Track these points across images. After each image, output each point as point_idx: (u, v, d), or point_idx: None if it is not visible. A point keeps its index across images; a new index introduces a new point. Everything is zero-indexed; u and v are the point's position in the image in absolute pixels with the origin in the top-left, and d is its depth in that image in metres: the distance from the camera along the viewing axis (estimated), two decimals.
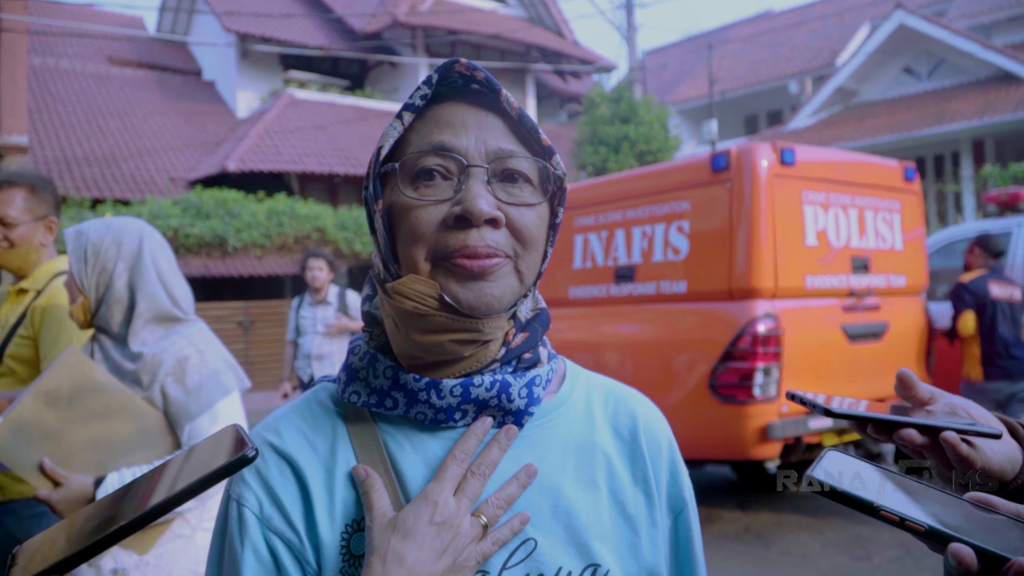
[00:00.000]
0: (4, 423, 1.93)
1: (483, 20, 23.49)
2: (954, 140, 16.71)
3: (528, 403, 0.92)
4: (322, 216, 15.21)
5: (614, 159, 17.85)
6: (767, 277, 5.42)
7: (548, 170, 0.93)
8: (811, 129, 18.81)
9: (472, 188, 0.87)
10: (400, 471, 0.90)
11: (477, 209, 0.85)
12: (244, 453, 0.71)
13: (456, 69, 0.92)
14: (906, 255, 6.38)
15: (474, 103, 0.92)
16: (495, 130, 0.91)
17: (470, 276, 0.87)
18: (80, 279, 2.12)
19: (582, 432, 0.97)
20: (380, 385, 0.92)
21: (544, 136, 0.94)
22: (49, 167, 16.87)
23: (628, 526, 0.95)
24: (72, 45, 22.79)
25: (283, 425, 0.94)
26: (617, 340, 6.28)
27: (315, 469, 0.90)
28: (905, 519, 0.71)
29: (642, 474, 0.98)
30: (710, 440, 5.49)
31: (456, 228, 0.87)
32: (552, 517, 0.90)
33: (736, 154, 5.58)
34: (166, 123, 20.45)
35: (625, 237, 6.27)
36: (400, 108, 0.92)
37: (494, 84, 0.91)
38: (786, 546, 5.42)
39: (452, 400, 0.89)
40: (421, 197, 0.88)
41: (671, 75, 29.76)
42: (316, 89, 22.16)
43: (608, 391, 1.04)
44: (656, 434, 1.02)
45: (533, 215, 0.91)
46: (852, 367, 5.84)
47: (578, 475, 0.94)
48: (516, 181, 0.91)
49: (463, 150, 0.89)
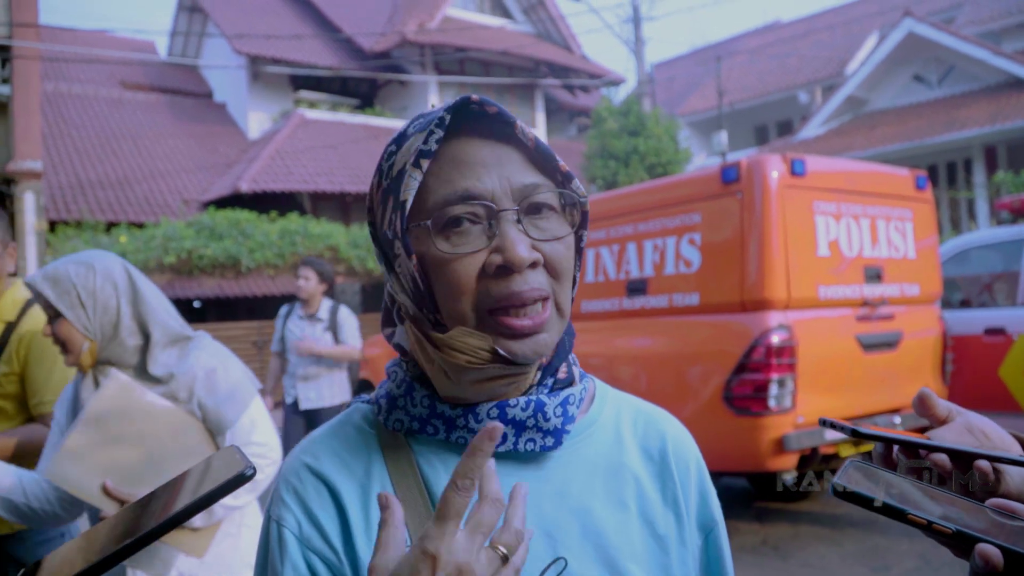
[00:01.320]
0: (61, 454, 1.99)
1: (491, 37, 23.61)
2: (966, 147, 16.65)
3: (564, 421, 0.93)
4: (335, 235, 15.28)
5: (624, 172, 17.86)
6: (780, 288, 5.40)
7: (571, 197, 0.94)
8: (821, 139, 18.78)
9: (508, 235, 0.87)
10: (434, 494, 0.91)
11: (519, 258, 0.86)
12: (242, 471, 0.73)
13: (469, 106, 0.91)
14: (919, 264, 6.35)
15: (488, 137, 0.91)
16: (515, 164, 0.91)
17: (521, 336, 0.88)
18: (83, 325, 2.11)
19: (611, 453, 0.99)
20: (419, 413, 0.94)
21: (562, 162, 0.94)
22: (63, 191, 17.02)
23: (658, 546, 0.95)
24: (84, 70, 23.04)
25: (320, 448, 0.95)
26: (630, 353, 6.27)
27: (351, 491, 0.91)
28: (933, 523, 0.73)
29: (672, 495, 0.99)
30: (726, 452, 5.47)
31: (498, 276, 0.87)
32: (582, 538, 0.91)
33: (747, 166, 5.58)
34: (178, 145, 20.62)
35: (637, 250, 6.28)
36: (409, 151, 0.90)
37: (507, 116, 0.91)
38: (804, 558, 5.39)
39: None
40: (455, 249, 0.88)
41: (680, 87, 29.79)
42: (326, 109, 22.30)
43: (637, 412, 1.06)
44: (685, 455, 1.03)
45: (563, 247, 0.92)
46: (867, 377, 5.81)
47: (608, 496, 0.95)
48: (542, 212, 0.91)
49: (489, 194, 0.88)
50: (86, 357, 2.13)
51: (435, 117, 0.90)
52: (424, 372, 0.97)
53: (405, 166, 0.90)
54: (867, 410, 5.77)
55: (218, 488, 0.72)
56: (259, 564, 0.93)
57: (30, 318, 2.71)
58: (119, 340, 2.15)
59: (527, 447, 0.92)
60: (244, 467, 0.73)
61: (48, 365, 2.68)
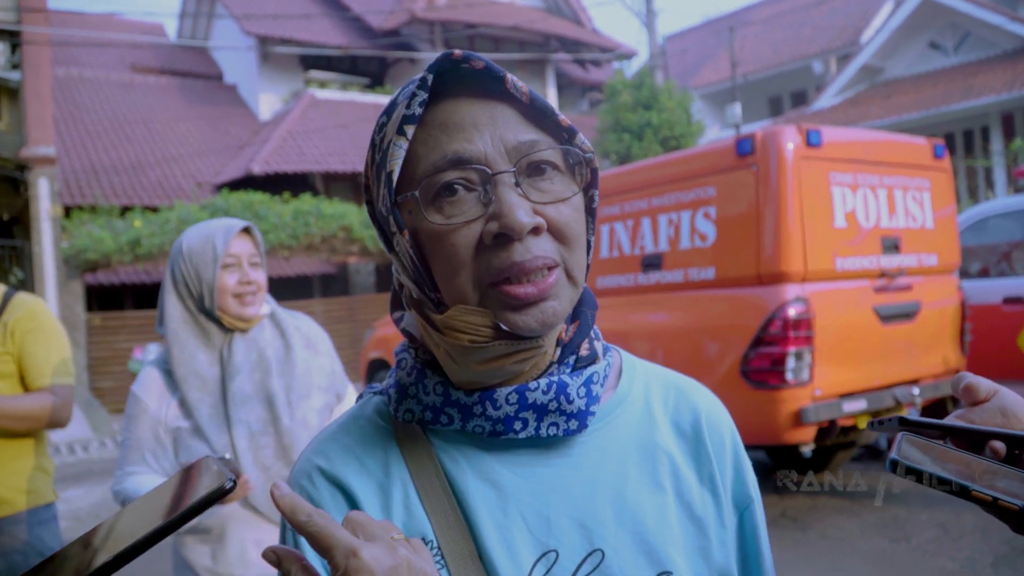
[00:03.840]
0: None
1: (501, 12, 23.47)
2: (983, 114, 16.46)
3: (588, 403, 0.87)
4: (348, 215, 15.27)
5: (638, 146, 17.76)
6: (796, 261, 5.37)
7: (576, 154, 0.86)
8: (837, 108, 18.61)
9: (505, 198, 0.79)
10: (459, 490, 0.85)
11: (518, 223, 0.78)
12: (221, 485, 0.69)
13: (452, 61, 0.83)
14: (937, 233, 6.30)
15: (478, 95, 0.84)
16: (509, 122, 0.83)
17: (524, 306, 0.81)
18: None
19: (643, 432, 0.93)
20: (432, 402, 0.88)
21: (562, 116, 0.85)
22: (77, 177, 17.09)
23: (697, 529, 0.90)
24: (94, 55, 23.07)
25: (332, 447, 0.90)
26: (647, 329, 6.25)
27: (369, 492, 0.86)
28: (998, 499, 0.71)
29: (708, 473, 0.94)
30: (743, 426, 5.38)
31: (497, 246, 0.80)
32: (618, 526, 0.86)
33: (761, 138, 5.53)
34: (190, 128, 20.65)
35: (651, 225, 6.25)
36: (396, 120, 0.83)
37: (496, 70, 0.83)
38: (823, 529, 5.39)
39: (509, 409, 0.84)
40: (449, 220, 0.81)
41: (692, 59, 29.53)
42: (336, 88, 22.25)
43: (667, 384, 0.99)
44: (720, 428, 0.97)
45: (570, 209, 0.84)
46: (885, 348, 5.78)
47: (641, 479, 0.89)
48: (545, 173, 0.83)
49: (482, 156, 0.80)
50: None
51: (418, 79, 0.83)
52: (435, 357, 0.90)
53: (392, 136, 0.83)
54: (885, 381, 5.74)
55: (199, 503, 0.69)
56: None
57: (14, 306, 2.77)
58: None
59: (549, 432, 0.85)
60: (224, 480, 0.70)
61: (48, 344, 2.75)
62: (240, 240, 2.21)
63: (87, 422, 11.38)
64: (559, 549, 0.84)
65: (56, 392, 2.72)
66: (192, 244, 2.17)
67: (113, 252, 13.23)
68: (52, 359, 2.75)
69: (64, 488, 7.94)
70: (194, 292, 2.17)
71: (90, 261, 13.38)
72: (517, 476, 0.86)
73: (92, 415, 11.86)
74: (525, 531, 0.84)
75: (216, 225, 2.20)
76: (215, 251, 2.15)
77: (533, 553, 0.83)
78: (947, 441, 0.81)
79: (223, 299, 2.16)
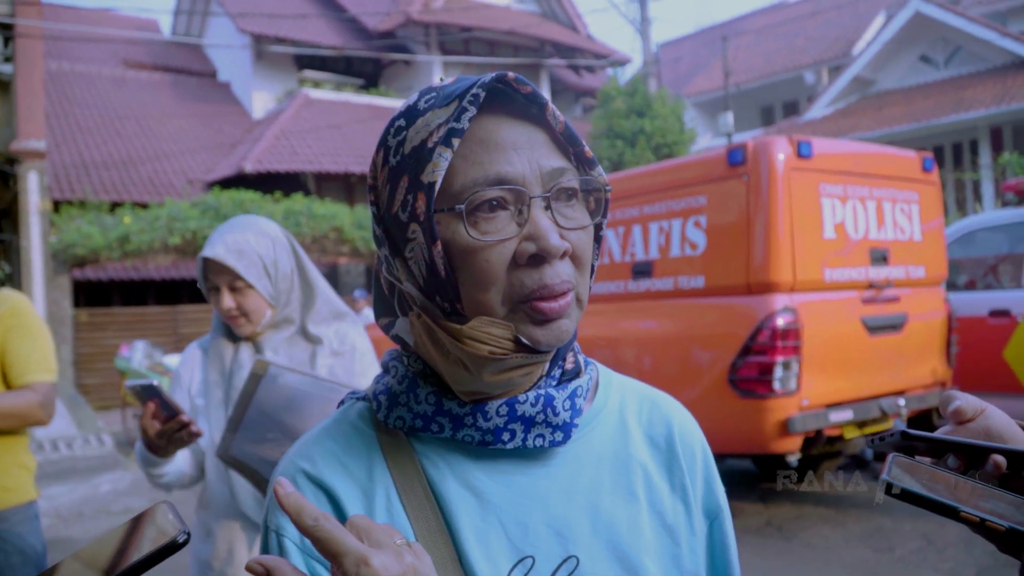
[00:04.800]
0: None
1: (496, 16, 23.49)
2: (972, 128, 16.58)
3: (572, 415, 0.90)
4: (339, 215, 15.24)
5: (630, 153, 17.80)
6: (785, 271, 5.40)
7: (595, 185, 0.90)
8: (828, 119, 18.70)
9: (540, 222, 0.83)
10: (440, 496, 0.88)
11: (553, 246, 0.82)
12: (175, 538, 0.67)
13: (505, 82, 0.85)
14: (925, 246, 6.34)
15: (517, 116, 0.86)
16: (544, 147, 0.86)
17: (547, 319, 0.84)
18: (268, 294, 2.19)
19: (618, 444, 0.96)
20: (424, 411, 0.90)
21: (587, 148, 0.89)
22: (67, 171, 17.02)
23: (669, 537, 0.94)
24: (88, 49, 22.96)
25: (316, 451, 0.91)
26: (635, 336, 6.27)
27: (352, 495, 0.87)
28: (986, 520, 0.72)
29: (680, 483, 0.97)
30: (730, 434, 5.48)
31: (529, 266, 0.83)
32: (593, 534, 0.89)
33: (753, 148, 5.56)
34: (182, 125, 20.58)
35: (642, 233, 6.27)
36: (436, 131, 0.84)
37: (540, 97, 0.86)
38: (808, 539, 5.41)
39: (499, 420, 0.87)
40: (484, 236, 0.83)
41: (686, 68, 29.64)
42: (331, 88, 22.22)
43: (642, 398, 1.03)
44: (691, 441, 1.01)
45: (587, 236, 0.88)
46: (872, 359, 5.81)
47: (616, 489, 0.93)
48: (569, 200, 0.87)
49: (521, 178, 0.83)
50: (268, 324, 2.21)
51: (460, 91, 0.85)
52: (428, 366, 0.92)
53: (425, 144, 0.84)
54: (872, 392, 5.78)
55: (150, 556, 0.66)
56: None
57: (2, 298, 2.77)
58: (291, 305, 2.24)
59: (536, 443, 0.88)
60: (177, 533, 0.67)
61: (31, 340, 2.73)
62: (215, 268, 2.14)
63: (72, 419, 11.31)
64: (535, 555, 0.87)
65: (38, 390, 2.70)
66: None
67: (102, 248, 13.17)
68: (35, 356, 2.72)
69: (47, 486, 7.90)
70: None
71: (78, 256, 13.31)
72: (496, 484, 0.89)
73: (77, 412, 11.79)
74: (503, 537, 0.87)
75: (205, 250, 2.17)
76: (203, 279, 2.18)
77: (510, 559, 0.86)
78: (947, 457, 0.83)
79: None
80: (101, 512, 7.28)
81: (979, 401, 0.85)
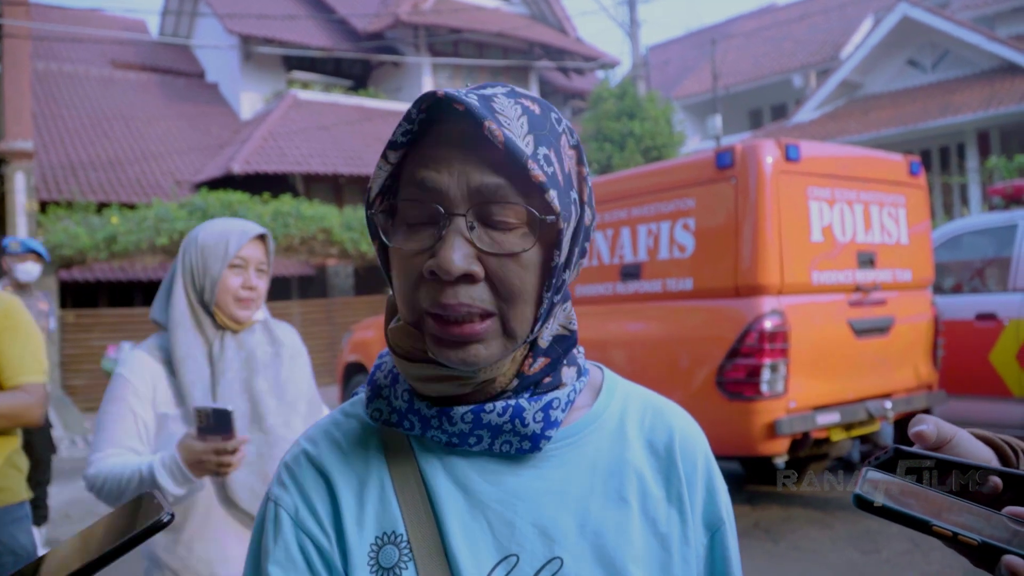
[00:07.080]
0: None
1: (486, 18, 23.48)
2: (959, 132, 16.66)
3: (544, 427, 0.90)
4: (328, 217, 15.21)
5: (619, 156, 17.82)
6: (773, 273, 5.42)
7: (541, 208, 0.83)
8: (816, 123, 18.77)
9: (447, 240, 0.81)
10: (432, 490, 0.90)
11: (447, 266, 0.80)
12: (159, 518, 0.74)
13: (436, 99, 0.84)
14: (912, 249, 6.37)
15: (462, 130, 0.84)
16: (480, 163, 0.83)
17: (453, 340, 0.84)
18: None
19: (613, 449, 0.96)
20: (399, 406, 0.92)
21: (536, 169, 0.82)
22: (55, 172, 16.92)
23: (660, 545, 0.93)
24: (75, 50, 22.83)
25: (322, 437, 0.96)
26: (624, 338, 6.28)
27: (347, 480, 0.91)
28: (958, 534, 0.72)
29: (676, 492, 0.96)
30: (718, 437, 5.47)
31: (431, 282, 0.83)
32: (579, 537, 0.89)
33: (741, 151, 5.58)
34: (170, 126, 20.50)
35: (631, 235, 6.28)
36: (386, 145, 0.87)
37: (476, 113, 0.81)
38: (795, 541, 5.43)
39: (464, 427, 0.89)
40: (403, 246, 0.85)
41: (674, 70, 29.70)
42: (319, 90, 22.17)
43: (646, 404, 1.02)
44: (693, 450, 0.99)
45: (516, 265, 0.83)
46: (859, 362, 5.84)
47: (607, 493, 0.93)
48: (501, 223, 0.83)
49: (444, 191, 0.83)
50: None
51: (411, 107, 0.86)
52: None
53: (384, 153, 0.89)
54: (859, 395, 5.80)
55: (138, 534, 0.73)
56: (254, 542, 0.94)
57: None
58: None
59: (503, 449, 0.90)
60: (161, 514, 0.74)
61: (22, 341, 2.72)
62: (252, 245, 2.25)
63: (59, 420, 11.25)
64: (520, 554, 0.88)
65: (30, 391, 2.70)
66: (207, 238, 2.22)
67: (89, 248, 13.11)
68: (27, 357, 2.72)
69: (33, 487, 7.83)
70: (197, 284, 2.21)
71: (65, 257, 13.24)
72: (487, 483, 0.90)
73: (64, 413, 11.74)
74: (489, 534, 0.89)
75: (234, 225, 2.25)
76: (226, 250, 2.20)
77: (495, 555, 0.88)
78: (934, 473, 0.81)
79: (223, 297, 2.20)
80: (88, 514, 7.24)
81: (950, 428, 0.81)
